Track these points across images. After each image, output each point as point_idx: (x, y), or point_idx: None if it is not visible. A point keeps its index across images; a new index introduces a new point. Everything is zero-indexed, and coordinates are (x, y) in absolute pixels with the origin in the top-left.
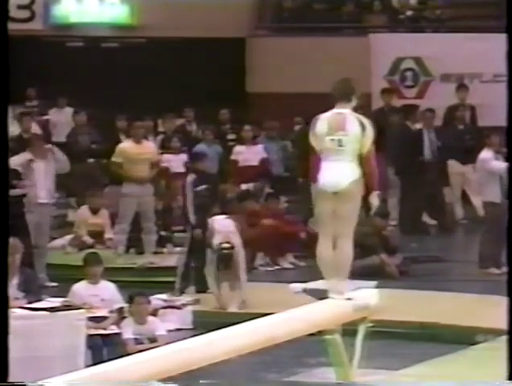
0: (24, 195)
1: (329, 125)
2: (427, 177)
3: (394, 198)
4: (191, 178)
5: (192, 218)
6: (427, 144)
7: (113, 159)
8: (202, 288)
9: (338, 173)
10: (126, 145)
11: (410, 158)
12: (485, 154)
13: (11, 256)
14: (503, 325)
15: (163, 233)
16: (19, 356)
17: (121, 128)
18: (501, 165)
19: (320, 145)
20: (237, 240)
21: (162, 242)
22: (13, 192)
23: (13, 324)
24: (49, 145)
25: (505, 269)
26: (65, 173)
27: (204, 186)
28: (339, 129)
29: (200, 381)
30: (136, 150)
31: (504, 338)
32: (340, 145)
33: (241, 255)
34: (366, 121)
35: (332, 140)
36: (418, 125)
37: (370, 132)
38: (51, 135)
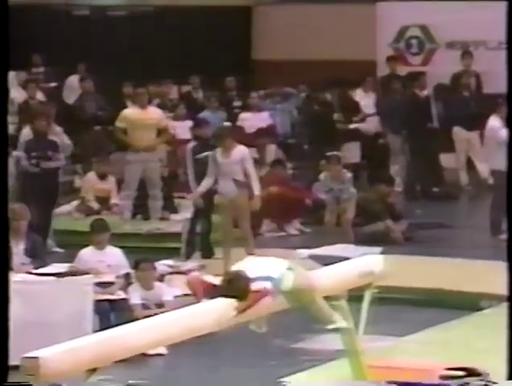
0: (59, 168)
1: None
2: (435, 143)
3: (397, 165)
4: (191, 145)
5: (193, 185)
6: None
7: (117, 125)
8: (208, 254)
9: None
10: (130, 110)
11: (419, 124)
12: (494, 123)
13: (17, 222)
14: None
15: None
16: (26, 321)
17: (127, 94)
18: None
19: None
20: None
21: (167, 208)
22: (47, 164)
23: (20, 289)
24: (58, 128)
25: None
26: (72, 140)
27: (205, 154)
28: None
29: None
30: (140, 116)
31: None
32: None
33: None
34: None
35: None
36: (425, 92)
37: None
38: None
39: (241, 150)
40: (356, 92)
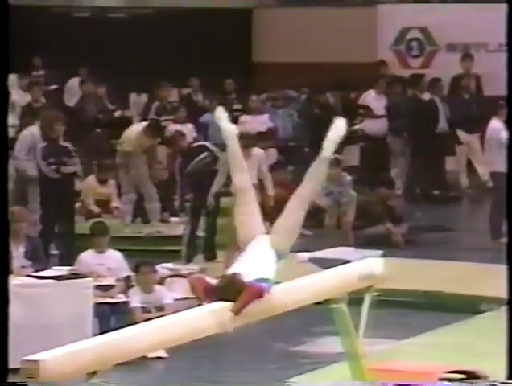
0: (74, 174)
1: None
2: (439, 146)
3: (397, 168)
4: (178, 162)
5: (180, 200)
6: (442, 113)
7: (124, 149)
8: (211, 257)
9: None
10: (134, 134)
11: (422, 127)
12: (495, 124)
13: (17, 224)
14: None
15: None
16: (26, 324)
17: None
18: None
19: None
20: None
21: (167, 211)
22: (67, 169)
23: (20, 292)
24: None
25: None
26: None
27: (202, 156)
28: None
29: None
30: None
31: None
32: None
33: None
34: None
35: None
36: (426, 95)
37: None
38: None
39: (258, 154)
40: (369, 92)
